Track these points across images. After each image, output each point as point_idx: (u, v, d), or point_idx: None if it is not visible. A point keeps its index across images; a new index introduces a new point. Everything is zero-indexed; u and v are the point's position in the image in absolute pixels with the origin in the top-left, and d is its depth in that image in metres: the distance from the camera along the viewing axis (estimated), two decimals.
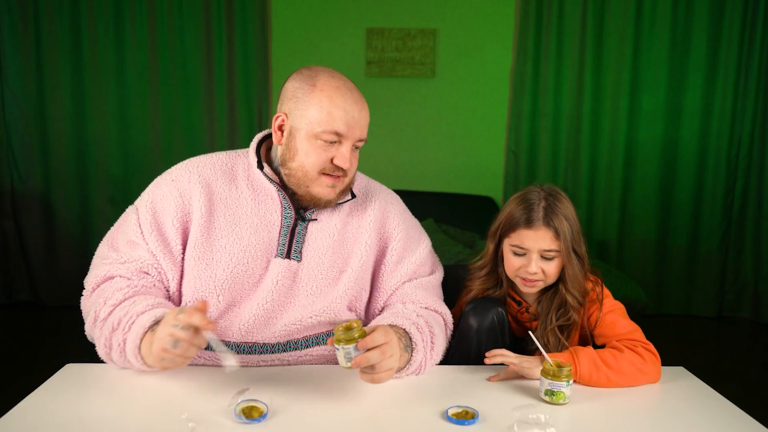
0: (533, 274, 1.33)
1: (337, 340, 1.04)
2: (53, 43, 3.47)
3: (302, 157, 1.24)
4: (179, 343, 0.99)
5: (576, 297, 1.35)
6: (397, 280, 1.36)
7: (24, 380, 1.32)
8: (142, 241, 1.26)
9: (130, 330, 1.12)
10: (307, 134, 1.23)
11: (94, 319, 1.20)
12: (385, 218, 1.38)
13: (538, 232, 1.31)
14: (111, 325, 1.15)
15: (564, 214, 1.33)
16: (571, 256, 1.32)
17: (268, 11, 3.61)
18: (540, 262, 1.32)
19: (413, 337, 1.22)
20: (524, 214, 1.33)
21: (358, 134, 1.25)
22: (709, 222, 3.68)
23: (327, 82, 1.23)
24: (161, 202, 1.28)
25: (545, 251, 1.32)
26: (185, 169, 1.33)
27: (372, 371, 1.06)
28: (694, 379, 1.27)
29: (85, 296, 1.27)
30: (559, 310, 1.36)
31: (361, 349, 1.03)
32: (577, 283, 1.35)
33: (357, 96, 1.26)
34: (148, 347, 1.07)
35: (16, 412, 1.01)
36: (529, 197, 1.35)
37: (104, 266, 1.25)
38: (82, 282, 1.29)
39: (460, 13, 3.66)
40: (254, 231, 1.27)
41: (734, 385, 1.79)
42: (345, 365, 1.04)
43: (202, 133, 3.64)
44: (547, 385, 1.11)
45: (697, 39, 3.54)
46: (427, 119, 3.76)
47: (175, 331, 0.98)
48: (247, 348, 1.23)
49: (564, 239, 1.31)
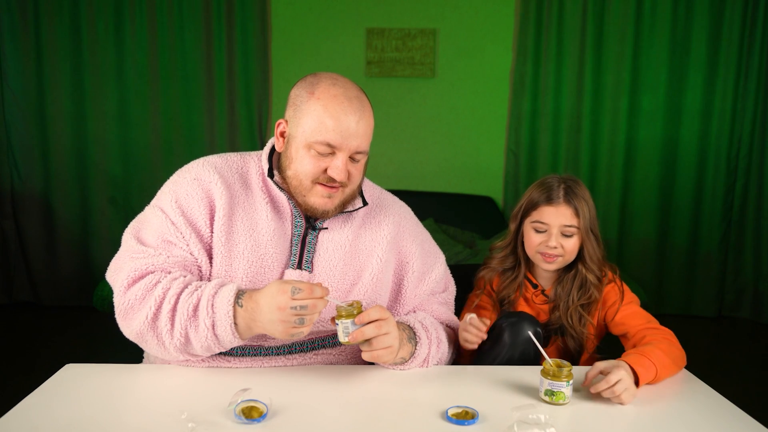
0: (553, 248, 1.40)
1: (338, 316, 1.12)
2: (53, 43, 3.47)
3: (297, 166, 1.22)
4: (305, 318, 1.06)
5: (595, 273, 1.43)
6: (418, 299, 1.40)
7: (24, 380, 1.32)
8: (179, 240, 1.21)
9: (214, 312, 1.10)
10: (301, 143, 1.21)
11: (154, 313, 1.13)
12: (401, 235, 1.39)
13: (558, 209, 1.41)
14: (185, 313, 1.12)
15: (583, 196, 1.43)
16: (590, 234, 1.41)
17: (268, 11, 3.60)
18: (560, 238, 1.41)
19: (417, 332, 1.26)
20: (545, 194, 1.43)
21: (354, 146, 1.20)
22: (709, 222, 3.68)
23: (325, 91, 1.20)
24: (186, 200, 1.24)
25: (565, 227, 1.41)
26: (204, 168, 1.28)
27: (370, 347, 1.14)
28: (694, 379, 1.27)
29: (121, 292, 1.17)
30: (580, 289, 1.44)
31: (358, 324, 1.12)
32: (596, 260, 1.44)
33: (357, 105, 1.20)
34: (245, 322, 1.10)
35: (16, 412, 1.01)
36: (549, 181, 1.46)
37: (139, 260, 1.18)
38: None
39: (460, 13, 3.66)
40: (270, 238, 1.24)
41: (734, 385, 1.79)
42: (343, 340, 1.12)
43: (202, 133, 3.64)
44: (547, 385, 1.11)
45: (697, 39, 3.54)
46: (427, 119, 3.76)
47: (297, 312, 1.05)
48: (253, 351, 1.23)
49: (583, 217, 1.41)
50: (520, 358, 1.31)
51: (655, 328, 1.35)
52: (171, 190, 1.26)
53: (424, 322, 1.30)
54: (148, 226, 1.24)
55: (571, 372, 1.12)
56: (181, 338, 1.13)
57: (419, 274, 1.39)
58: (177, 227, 1.21)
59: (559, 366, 1.12)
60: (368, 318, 1.12)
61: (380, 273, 1.32)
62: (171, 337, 1.13)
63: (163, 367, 1.22)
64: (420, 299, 1.41)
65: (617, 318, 1.42)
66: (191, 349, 1.15)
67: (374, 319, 1.13)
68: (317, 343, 1.27)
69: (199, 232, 1.22)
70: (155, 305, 1.13)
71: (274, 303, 1.06)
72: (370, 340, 1.14)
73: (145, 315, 1.13)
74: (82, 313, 3.46)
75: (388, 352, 1.16)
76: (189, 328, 1.12)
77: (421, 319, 1.32)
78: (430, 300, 1.42)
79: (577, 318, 1.43)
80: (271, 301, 1.06)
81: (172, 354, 1.16)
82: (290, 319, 1.06)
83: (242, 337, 1.13)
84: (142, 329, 1.14)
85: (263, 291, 1.10)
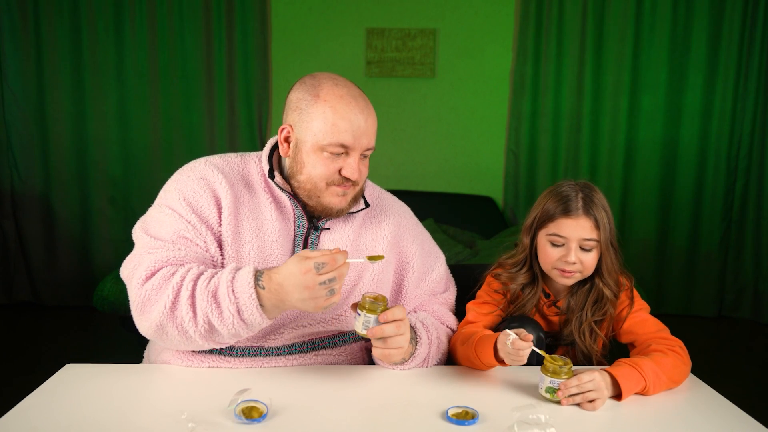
0: (572, 264, 1.30)
1: (361, 306, 1.12)
2: (53, 43, 3.47)
3: (310, 170, 1.21)
4: (335, 288, 1.06)
5: (613, 290, 1.34)
6: (418, 299, 1.40)
7: (24, 380, 1.32)
8: (196, 236, 1.19)
9: (236, 297, 1.08)
10: (312, 147, 1.20)
11: (172, 302, 1.11)
12: (401, 235, 1.39)
13: (578, 221, 1.29)
14: (205, 299, 1.09)
15: (602, 204, 1.32)
16: (609, 247, 1.32)
17: (268, 11, 3.61)
18: (579, 252, 1.30)
19: (418, 332, 1.26)
20: (562, 204, 1.31)
21: (366, 143, 1.21)
22: (709, 222, 3.68)
23: (330, 92, 1.19)
24: (195, 197, 1.23)
25: (585, 240, 1.30)
26: (207, 168, 1.27)
27: (384, 345, 1.15)
28: (694, 379, 1.27)
29: (138, 285, 1.15)
30: (595, 304, 1.35)
31: (382, 321, 1.12)
32: (614, 274, 1.34)
33: (363, 104, 1.21)
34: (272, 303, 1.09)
35: (16, 412, 1.01)
36: (564, 189, 1.34)
37: (157, 253, 1.16)
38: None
39: (460, 13, 3.66)
40: (276, 238, 1.24)
41: (734, 385, 1.79)
42: (361, 332, 1.13)
43: (202, 133, 3.64)
44: (548, 382, 1.11)
45: (697, 39, 3.54)
46: (427, 119, 3.76)
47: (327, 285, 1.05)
48: (253, 351, 1.23)
49: (603, 229, 1.30)
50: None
51: (664, 338, 1.28)
52: (176, 189, 1.25)
53: (425, 322, 1.30)
54: (159, 225, 1.22)
55: (572, 369, 1.13)
56: (205, 325, 1.10)
57: (419, 275, 1.39)
58: (192, 224, 1.20)
59: (559, 362, 1.13)
60: (392, 317, 1.12)
61: (381, 273, 1.32)
62: (195, 325, 1.11)
63: (163, 367, 1.22)
64: (420, 299, 1.41)
65: (626, 326, 1.35)
66: (218, 336, 1.12)
67: (396, 318, 1.13)
68: (317, 344, 1.27)
69: (212, 228, 1.22)
70: (173, 293, 1.11)
71: (301, 284, 1.04)
72: (386, 338, 1.14)
73: (164, 304, 1.11)
74: (82, 313, 3.47)
75: (399, 353, 1.17)
76: (211, 315, 1.10)
77: (422, 318, 1.32)
78: (431, 300, 1.42)
79: (588, 333, 1.35)
80: (297, 282, 1.04)
81: (198, 342, 1.13)
82: (321, 294, 1.05)
83: (270, 317, 1.11)
84: (161, 320, 1.12)
85: (284, 272, 1.07)
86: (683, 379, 1.23)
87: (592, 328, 1.35)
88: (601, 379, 1.11)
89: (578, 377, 1.11)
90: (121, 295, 2.32)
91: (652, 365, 1.17)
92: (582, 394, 1.10)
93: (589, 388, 1.09)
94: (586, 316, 1.35)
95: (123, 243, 3.54)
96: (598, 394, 1.09)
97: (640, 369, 1.15)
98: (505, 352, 1.15)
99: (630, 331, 1.34)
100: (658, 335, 1.30)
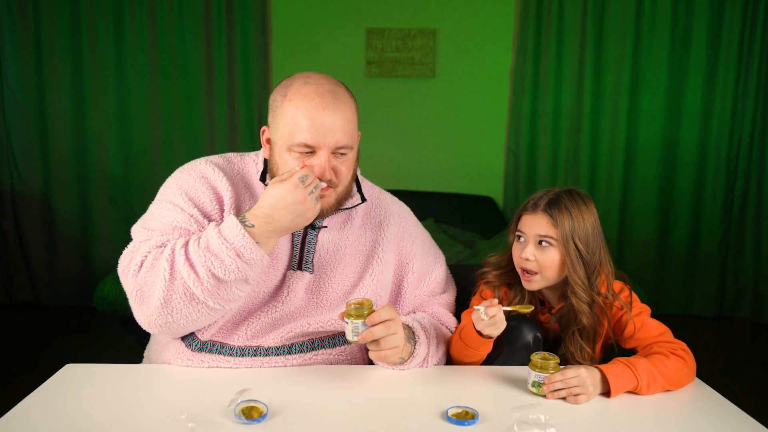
0: (529, 262, 1.31)
1: (347, 314, 1.12)
2: (53, 43, 3.47)
3: (283, 171, 1.19)
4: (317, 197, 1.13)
5: (582, 299, 1.30)
6: (417, 300, 1.40)
7: (24, 380, 1.32)
8: (197, 229, 1.19)
9: (230, 242, 1.09)
10: (281, 148, 1.19)
11: (170, 272, 1.10)
12: (401, 235, 1.39)
13: (535, 217, 1.31)
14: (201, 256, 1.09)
15: (568, 207, 1.29)
16: (570, 247, 1.28)
17: (268, 11, 3.61)
18: (535, 249, 1.31)
19: (416, 332, 1.26)
20: (529, 202, 1.35)
21: (333, 141, 1.16)
22: (709, 222, 3.68)
23: (296, 90, 1.17)
24: (196, 193, 1.23)
25: (540, 236, 1.30)
26: (208, 167, 1.27)
27: (377, 347, 1.15)
28: (694, 379, 1.27)
29: (133, 274, 1.14)
30: (577, 317, 1.33)
31: (368, 324, 1.12)
32: (581, 283, 1.30)
33: (329, 100, 1.16)
34: (265, 236, 1.12)
35: (16, 412, 1.01)
36: (542, 191, 1.36)
37: (151, 240, 1.17)
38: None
39: (460, 13, 3.66)
40: None
41: (734, 385, 1.79)
42: (352, 339, 1.13)
43: (202, 133, 3.64)
44: (534, 377, 1.14)
45: (697, 39, 3.54)
46: (427, 119, 3.76)
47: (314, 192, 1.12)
48: (252, 351, 1.23)
49: (562, 228, 1.28)
50: (519, 363, 1.30)
51: (666, 341, 1.27)
52: (178, 185, 1.25)
53: (422, 322, 1.30)
54: (158, 219, 1.22)
55: (558, 365, 1.15)
56: (210, 280, 1.09)
57: (419, 275, 1.39)
58: (194, 218, 1.20)
59: (546, 359, 1.15)
60: (379, 319, 1.12)
61: (380, 274, 1.32)
62: (200, 283, 1.09)
63: (163, 367, 1.22)
64: (420, 300, 1.41)
65: (626, 332, 1.33)
66: (225, 288, 1.11)
67: (384, 319, 1.13)
68: (317, 344, 1.27)
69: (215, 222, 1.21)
70: (168, 264, 1.11)
71: (294, 200, 1.10)
72: (378, 340, 1.14)
73: (162, 278, 1.10)
74: (82, 313, 3.46)
75: (395, 352, 1.17)
76: (213, 268, 1.09)
77: (420, 319, 1.32)
78: (431, 301, 1.42)
79: (577, 349, 1.32)
80: (290, 200, 1.10)
81: (208, 304, 1.12)
82: (310, 205, 1.12)
83: (267, 251, 1.14)
84: (164, 294, 1.10)
85: (269, 201, 1.11)
86: (685, 382, 1.22)
87: (580, 344, 1.33)
88: (587, 375, 1.12)
89: (562, 372, 1.13)
90: (121, 295, 2.32)
91: (648, 365, 1.17)
92: (567, 389, 1.11)
93: (574, 383, 1.11)
94: (574, 332, 1.33)
95: (123, 243, 3.45)
96: (582, 390, 1.11)
97: (634, 368, 1.16)
98: (483, 325, 1.21)
99: (631, 337, 1.33)
100: (660, 338, 1.29)
